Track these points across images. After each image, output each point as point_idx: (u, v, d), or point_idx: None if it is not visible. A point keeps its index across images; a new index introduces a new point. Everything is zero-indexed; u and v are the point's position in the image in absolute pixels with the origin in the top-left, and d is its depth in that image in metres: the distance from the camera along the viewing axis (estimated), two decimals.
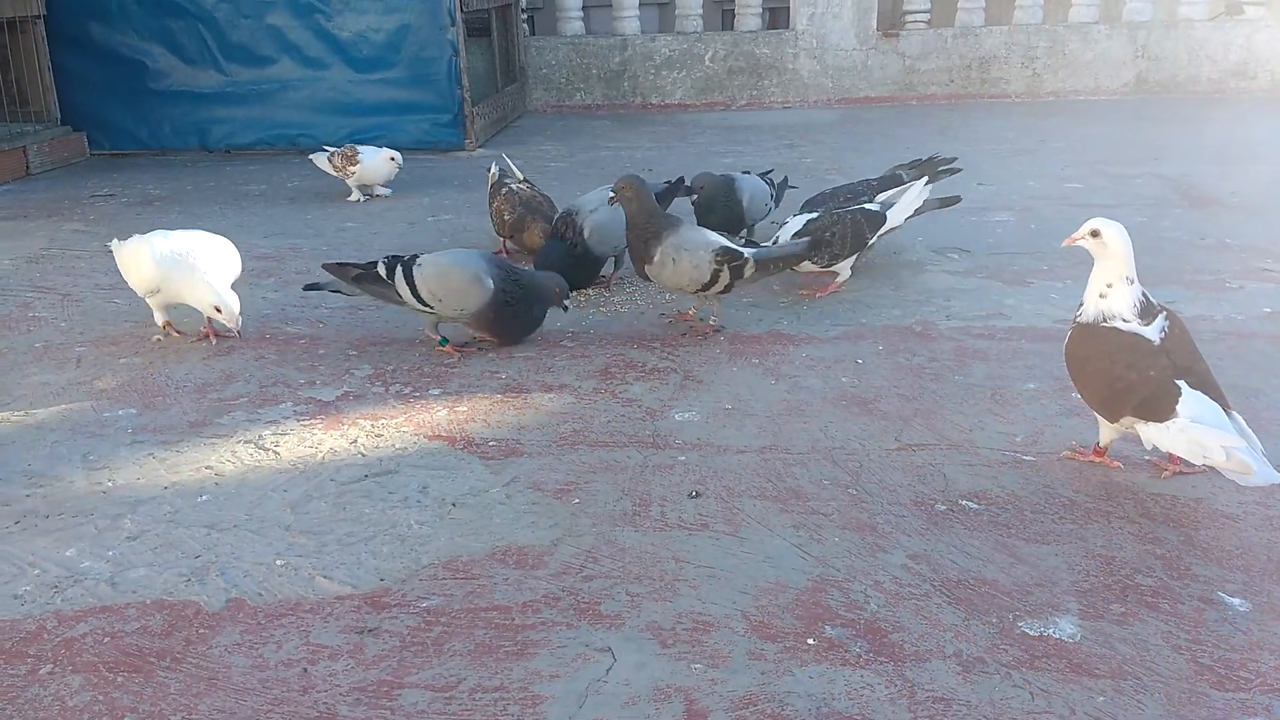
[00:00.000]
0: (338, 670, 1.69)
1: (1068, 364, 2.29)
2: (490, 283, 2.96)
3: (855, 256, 3.50)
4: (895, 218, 3.51)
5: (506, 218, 3.95)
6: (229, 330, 3.11)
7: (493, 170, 4.19)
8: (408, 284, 2.96)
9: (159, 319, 3.27)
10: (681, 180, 4.04)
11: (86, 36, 6.49)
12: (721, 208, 3.99)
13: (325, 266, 3.18)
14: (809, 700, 1.60)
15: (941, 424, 2.55)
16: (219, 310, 3.03)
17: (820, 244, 3.37)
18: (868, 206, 3.55)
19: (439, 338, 3.10)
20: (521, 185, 4.05)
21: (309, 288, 3.29)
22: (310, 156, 5.36)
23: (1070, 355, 2.27)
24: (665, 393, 2.78)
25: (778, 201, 4.32)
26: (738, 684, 1.63)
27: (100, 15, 6.46)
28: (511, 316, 3.06)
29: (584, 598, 1.87)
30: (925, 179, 3.62)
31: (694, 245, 3.07)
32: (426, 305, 2.99)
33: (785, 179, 4.48)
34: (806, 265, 3.41)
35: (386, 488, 2.29)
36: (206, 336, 3.23)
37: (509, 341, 3.14)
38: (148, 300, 3.22)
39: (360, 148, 5.15)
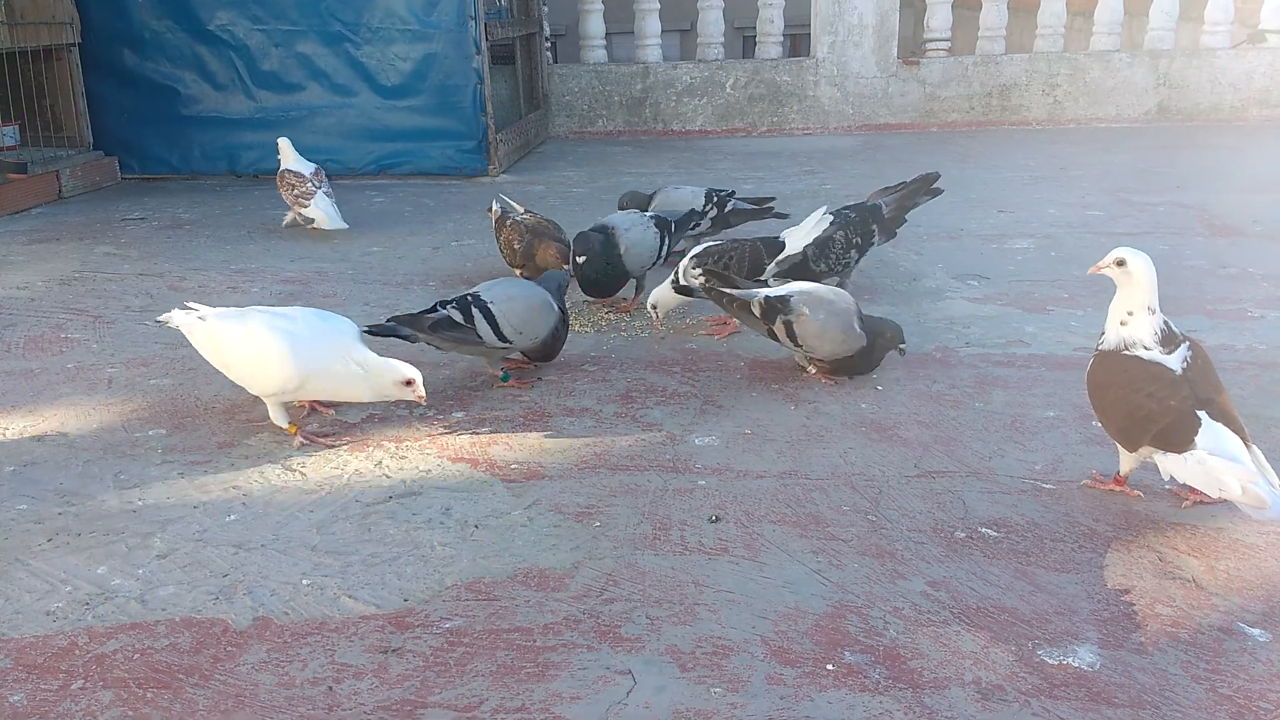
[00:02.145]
0: (362, 689, 1.72)
1: (1089, 391, 2.30)
2: (555, 306, 3.06)
3: None
4: (794, 245, 3.44)
5: (517, 246, 3.96)
6: (416, 401, 2.66)
7: (494, 208, 4.20)
8: (489, 324, 2.90)
9: (283, 420, 2.70)
10: (692, 211, 4.15)
11: (120, 64, 6.63)
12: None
13: (398, 319, 2.91)
14: None
15: (961, 451, 2.56)
16: (410, 384, 2.59)
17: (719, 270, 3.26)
18: (768, 236, 3.51)
19: (501, 373, 3.04)
20: (524, 216, 4.07)
21: (374, 331, 2.88)
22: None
23: (1091, 382, 2.28)
24: (686, 417, 2.80)
25: (715, 220, 4.23)
26: (756, 708, 1.65)
27: (133, 43, 6.60)
28: (560, 335, 3.13)
29: (604, 620, 1.89)
30: (825, 208, 3.55)
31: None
32: (507, 341, 2.93)
33: (730, 194, 4.33)
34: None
35: (410, 509, 2.32)
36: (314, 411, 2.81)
37: (550, 358, 3.18)
38: (267, 399, 2.70)
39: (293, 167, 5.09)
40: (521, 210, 4.15)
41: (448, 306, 2.93)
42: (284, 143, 5.18)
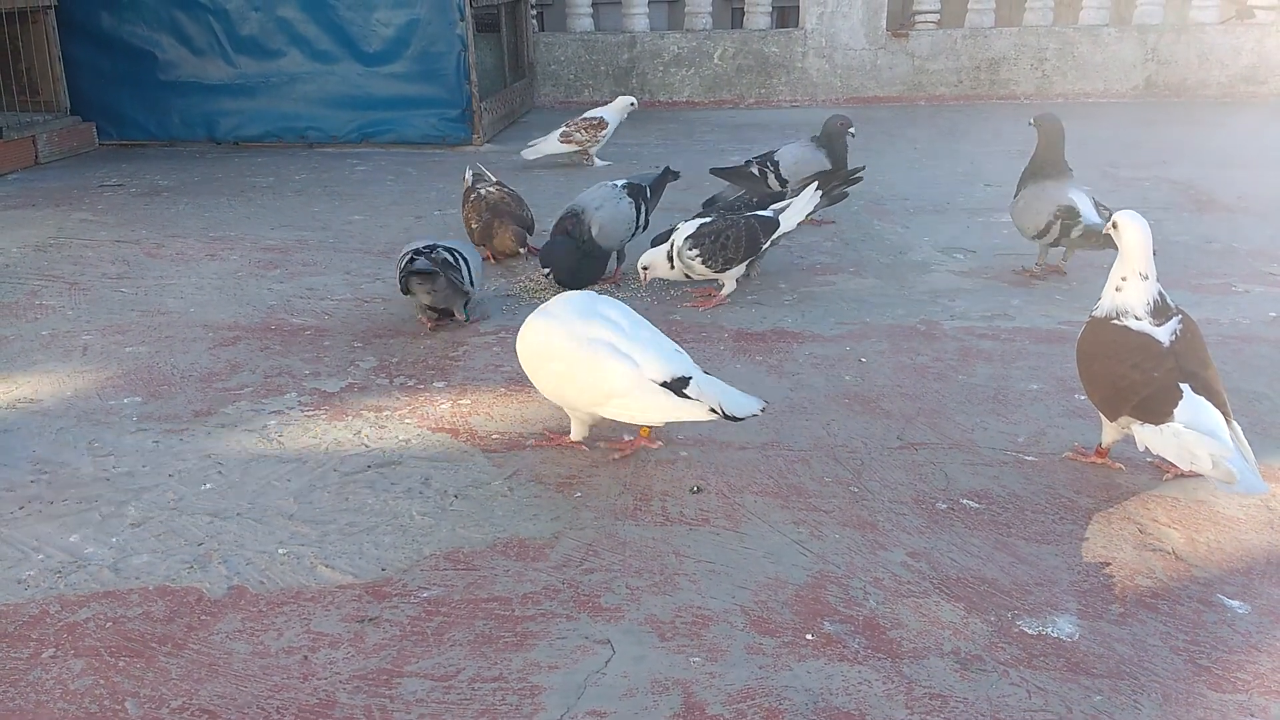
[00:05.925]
0: (338, 658, 1.70)
1: (1077, 358, 2.29)
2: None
3: (747, 264, 3.46)
4: (788, 222, 3.46)
5: (474, 225, 3.90)
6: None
7: (467, 176, 4.16)
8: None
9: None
10: (668, 169, 4.08)
11: (97, 27, 6.51)
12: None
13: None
14: (806, 695, 1.60)
15: (944, 423, 2.56)
16: None
17: (716, 249, 3.34)
18: (761, 213, 3.51)
19: None
20: (491, 189, 3.98)
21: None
22: (530, 146, 5.80)
23: (1080, 349, 2.28)
24: None
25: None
26: (735, 678, 1.64)
27: (111, 6, 6.48)
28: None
29: (584, 590, 1.88)
30: (816, 185, 3.55)
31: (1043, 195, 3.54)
32: None
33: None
34: (701, 270, 3.37)
35: (389, 479, 2.30)
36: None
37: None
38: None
39: (598, 114, 5.87)
40: (493, 180, 4.08)
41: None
42: (627, 101, 6.08)
